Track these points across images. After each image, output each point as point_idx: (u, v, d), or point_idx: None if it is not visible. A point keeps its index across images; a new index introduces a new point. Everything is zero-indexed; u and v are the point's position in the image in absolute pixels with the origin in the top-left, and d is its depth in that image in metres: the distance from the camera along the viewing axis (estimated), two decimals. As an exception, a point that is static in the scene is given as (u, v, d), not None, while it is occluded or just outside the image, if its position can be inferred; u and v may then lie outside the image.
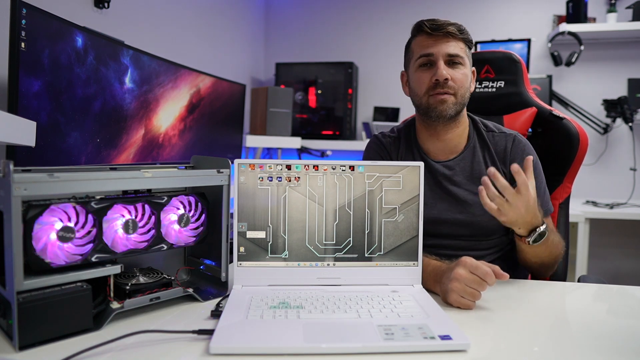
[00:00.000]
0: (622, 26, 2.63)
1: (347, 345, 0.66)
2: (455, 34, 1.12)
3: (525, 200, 0.92)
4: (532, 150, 1.19)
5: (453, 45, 1.12)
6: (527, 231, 0.98)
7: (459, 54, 1.13)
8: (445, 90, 1.12)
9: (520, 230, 0.98)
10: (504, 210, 0.92)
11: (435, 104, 1.13)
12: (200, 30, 2.47)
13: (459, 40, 1.13)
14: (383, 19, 3.21)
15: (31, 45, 1.10)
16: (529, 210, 0.94)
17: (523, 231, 0.98)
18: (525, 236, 0.99)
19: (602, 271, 2.81)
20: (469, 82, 1.17)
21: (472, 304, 0.84)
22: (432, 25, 1.13)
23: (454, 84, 1.12)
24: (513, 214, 0.93)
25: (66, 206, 0.69)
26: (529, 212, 0.94)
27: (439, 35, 1.12)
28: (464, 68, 1.14)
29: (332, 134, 3.02)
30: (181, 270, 0.95)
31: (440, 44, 1.13)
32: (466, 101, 1.17)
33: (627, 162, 2.79)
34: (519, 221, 0.95)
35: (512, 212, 0.92)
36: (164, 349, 0.67)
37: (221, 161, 0.89)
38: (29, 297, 0.65)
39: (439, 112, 1.13)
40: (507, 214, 0.93)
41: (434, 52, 1.13)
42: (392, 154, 1.27)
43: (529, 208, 0.93)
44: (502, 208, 0.92)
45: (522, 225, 0.97)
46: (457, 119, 1.17)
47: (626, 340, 0.74)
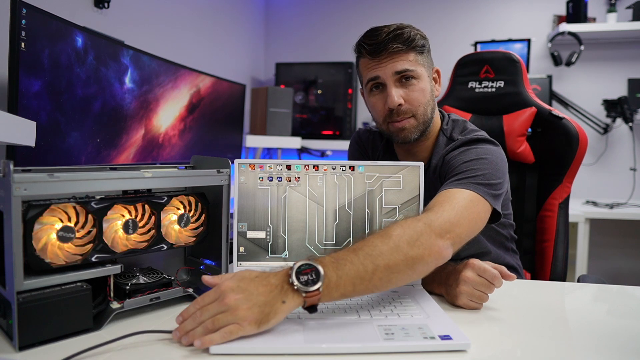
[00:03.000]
0: (622, 26, 2.63)
1: (347, 345, 0.66)
2: (400, 49, 1.02)
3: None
4: (463, 157, 1.02)
5: (400, 62, 1.03)
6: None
7: (408, 68, 1.03)
8: (402, 117, 1.05)
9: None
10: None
11: (395, 132, 1.08)
12: (200, 30, 2.47)
13: (407, 53, 1.03)
14: (383, 19, 3.20)
15: (31, 45, 1.10)
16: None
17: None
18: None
19: (602, 271, 2.81)
20: (428, 95, 1.07)
21: (479, 305, 0.84)
22: (372, 47, 1.03)
23: (410, 106, 1.05)
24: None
25: (66, 206, 0.69)
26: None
27: (382, 56, 1.03)
28: (419, 81, 1.05)
29: (332, 134, 3.02)
30: (181, 270, 0.95)
31: (385, 64, 1.03)
32: (430, 116, 1.08)
33: (627, 162, 2.79)
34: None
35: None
36: (164, 349, 0.66)
37: (221, 161, 0.89)
38: (29, 297, 0.65)
39: (402, 139, 1.08)
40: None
41: (380, 75, 1.04)
42: (369, 150, 1.26)
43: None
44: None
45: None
46: (426, 133, 1.10)
47: (626, 340, 0.74)
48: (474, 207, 0.90)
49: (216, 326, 0.65)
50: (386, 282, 0.75)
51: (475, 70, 1.49)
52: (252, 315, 0.66)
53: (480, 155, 1.01)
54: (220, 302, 0.67)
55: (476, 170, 0.96)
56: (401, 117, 1.06)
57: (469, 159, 1.00)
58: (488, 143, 1.06)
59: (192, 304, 0.69)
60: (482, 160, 0.99)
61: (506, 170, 1.03)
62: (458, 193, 0.91)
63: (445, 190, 0.92)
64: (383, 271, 0.73)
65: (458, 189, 0.92)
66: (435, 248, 0.78)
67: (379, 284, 0.74)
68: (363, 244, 0.75)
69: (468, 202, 0.89)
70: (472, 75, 1.49)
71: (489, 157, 1.01)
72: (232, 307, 0.66)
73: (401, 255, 0.75)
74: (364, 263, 0.72)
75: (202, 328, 0.66)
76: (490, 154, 1.02)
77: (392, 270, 0.74)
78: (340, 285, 0.70)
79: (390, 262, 0.73)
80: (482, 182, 0.94)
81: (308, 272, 0.68)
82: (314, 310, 0.70)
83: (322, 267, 0.69)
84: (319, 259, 0.71)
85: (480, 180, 0.94)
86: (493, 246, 1.17)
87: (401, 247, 0.75)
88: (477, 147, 1.04)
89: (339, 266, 0.71)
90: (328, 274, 0.69)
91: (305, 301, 0.68)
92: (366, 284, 0.72)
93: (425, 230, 0.79)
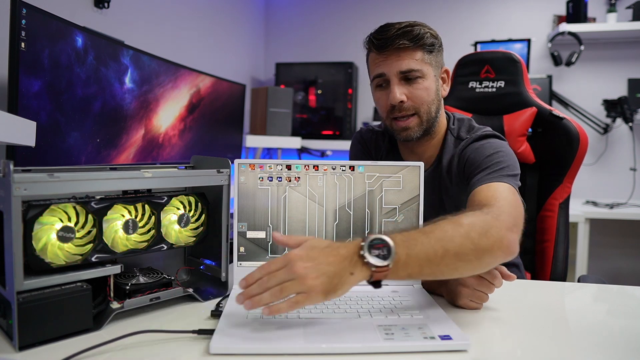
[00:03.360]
0: (622, 26, 2.63)
1: (347, 345, 0.66)
2: (407, 46, 1.02)
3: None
4: (481, 152, 1.04)
5: (406, 61, 1.02)
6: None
7: (414, 67, 1.03)
8: (404, 114, 1.05)
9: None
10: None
11: (399, 130, 1.08)
12: (200, 30, 2.47)
13: (414, 51, 1.03)
14: (383, 19, 3.20)
15: (31, 45, 1.10)
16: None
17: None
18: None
19: (602, 271, 2.81)
20: (432, 94, 1.06)
21: (480, 306, 0.84)
22: (380, 42, 1.03)
23: (413, 103, 1.05)
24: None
25: (66, 206, 0.69)
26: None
27: (389, 51, 1.03)
28: (425, 80, 1.05)
29: (332, 134, 3.02)
30: (181, 270, 0.95)
31: (391, 61, 1.03)
32: (434, 115, 1.08)
33: (627, 162, 2.79)
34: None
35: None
36: (164, 349, 0.67)
37: (221, 161, 0.89)
38: (29, 297, 0.65)
39: (404, 137, 1.09)
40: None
41: (385, 72, 1.05)
42: (372, 150, 1.25)
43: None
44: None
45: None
46: (430, 132, 1.11)
47: (626, 340, 0.74)
48: (517, 199, 0.91)
49: (284, 294, 0.65)
50: (452, 269, 0.74)
51: (476, 70, 1.49)
52: (321, 285, 0.65)
53: (497, 148, 1.03)
54: (288, 269, 0.65)
55: (500, 163, 0.99)
56: (403, 114, 1.06)
57: (489, 153, 1.02)
58: (497, 138, 1.09)
59: (257, 269, 0.67)
60: (501, 153, 1.02)
61: (518, 162, 1.06)
62: (500, 187, 0.92)
63: (486, 185, 0.94)
64: (452, 257, 0.72)
65: (496, 182, 0.94)
66: (505, 241, 0.77)
67: (446, 269, 0.73)
68: (434, 228, 0.74)
69: (512, 195, 0.91)
70: (473, 75, 1.49)
71: (504, 149, 1.04)
72: (300, 275, 0.64)
73: (472, 244, 0.73)
74: (435, 247, 0.71)
75: (269, 294, 0.65)
76: (504, 147, 1.05)
77: (461, 258, 0.73)
78: (409, 265, 0.69)
79: (460, 249, 0.72)
80: (510, 173, 0.97)
81: (380, 247, 0.68)
82: (379, 286, 0.69)
83: (395, 246, 0.68)
84: (391, 235, 0.70)
85: (507, 172, 0.97)
86: None
87: (472, 236, 0.74)
88: (490, 141, 1.06)
89: (409, 245, 0.70)
90: (399, 252, 0.68)
91: (372, 275, 0.68)
92: (433, 268, 0.72)
93: (495, 222, 0.77)
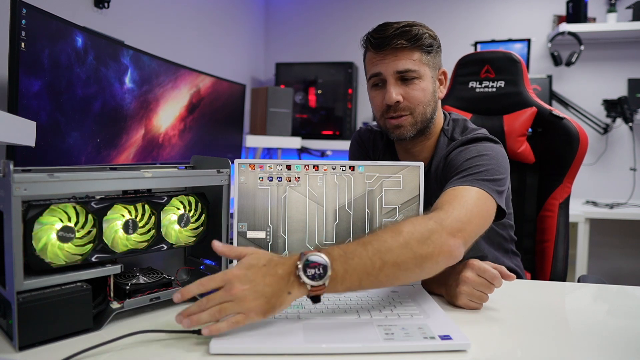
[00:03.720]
0: (622, 26, 2.63)
1: (347, 345, 0.66)
2: (404, 46, 1.01)
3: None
4: (464, 155, 1.02)
5: (403, 61, 1.02)
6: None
7: (410, 68, 1.02)
8: (399, 114, 1.05)
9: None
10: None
11: (391, 128, 1.08)
12: (200, 30, 2.47)
13: (411, 51, 1.02)
14: (383, 19, 3.20)
15: (31, 45, 1.10)
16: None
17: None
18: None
19: (602, 271, 2.81)
20: (429, 96, 1.06)
21: (480, 306, 0.84)
22: (377, 41, 1.03)
23: (408, 104, 1.05)
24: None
25: (66, 206, 0.69)
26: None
27: (386, 51, 1.03)
28: (421, 81, 1.04)
29: (332, 134, 3.02)
30: (181, 270, 0.95)
31: (388, 61, 1.03)
32: (429, 116, 1.08)
33: (627, 162, 2.79)
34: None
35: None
36: (164, 349, 0.66)
37: (221, 161, 0.89)
38: (29, 297, 0.65)
39: (397, 136, 1.09)
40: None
41: (382, 71, 1.04)
42: (370, 150, 1.26)
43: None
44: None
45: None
46: (425, 133, 1.11)
47: (626, 340, 0.74)
48: (483, 204, 0.89)
49: (222, 315, 0.66)
50: (393, 279, 0.74)
51: (476, 70, 1.49)
52: (259, 307, 0.66)
53: (481, 152, 1.01)
54: (227, 291, 0.66)
55: (479, 166, 0.96)
56: (398, 114, 1.06)
57: (471, 156, 1.00)
58: (488, 141, 1.06)
59: (195, 285, 0.67)
60: (484, 157, 0.99)
61: (507, 167, 1.03)
62: (465, 191, 0.90)
63: (452, 189, 0.92)
64: (390, 268, 0.72)
65: (464, 186, 0.91)
66: (446, 247, 0.77)
67: (385, 280, 0.73)
68: (373, 239, 0.74)
69: (476, 199, 0.89)
70: (473, 75, 1.49)
71: (490, 153, 1.01)
72: (239, 297, 0.65)
73: (411, 253, 0.74)
74: (372, 259, 0.71)
75: (207, 315, 0.66)
76: (491, 151, 1.02)
77: (400, 268, 0.73)
78: (347, 280, 0.70)
79: (399, 259, 0.73)
80: (487, 178, 0.94)
81: (316, 265, 0.68)
82: (318, 301, 0.70)
83: (330, 261, 0.69)
84: (327, 250, 0.71)
85: (484, 176, 0.94)
86: (491, 248, 1.17)
87: (411, 244, 0.74)
88: (477, 145, 1.04)
89: (347, 260, 0.70)
90: (335, 268, 0.69)
91: (310, 293, 0.69)
92: (372, 280, 0.72)
93: (436, 228, 0.77)
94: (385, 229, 0.77)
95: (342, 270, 0.70)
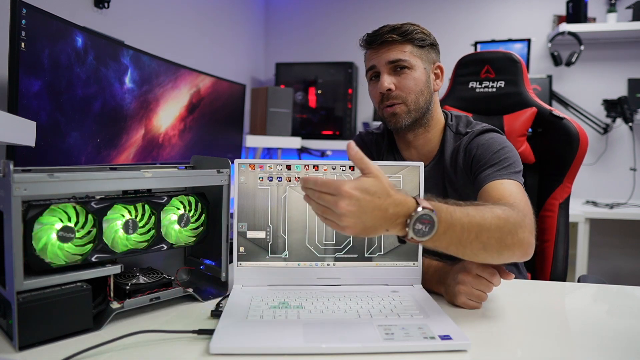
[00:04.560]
0: (622, 26, 2.63)
1: (347, 345, 0.66)
2: (395, 40, 1.08)
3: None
4: (488, 147, 1.07)
5: (394, 52, 1.08)
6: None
7: (401, 58, 1.08)
8: (392, 102, 1.10)
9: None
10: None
11: (387, 117, 1.12)
12: (200, 31, 2.47)
13: (403, 44, 1.08)
14: (383, 19, 3.20)
15: (31, 45, 1.10)
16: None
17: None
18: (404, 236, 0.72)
19: (602, 271, 2.81)
20: (421, 85, 1.10)
21: (479, 305, 0.84)
22: (371, 38, 1.11)
23: (400, 92, 1.09)
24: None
25: (66, 206, 0.69)
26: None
27: (379, 45, 1.10)
28: (413, 71, 1.09)
29: (332, 134, 3.02)
30: (181, 270, 0.95)
31: (381, 53, 1.10)
32: (423, 105, 1.11)
33: (627, 162, 2.79)
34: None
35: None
36: (164, 349, 0.67)
37: (221, 161, 0.89)
38: (29, 297, 0.65)
39: (393, 124, 1.13)
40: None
41: (376, 64, 1.11)
42: (372, 150, 1.28)
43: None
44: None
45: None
46: (423, 124, 1.14)
47: (626, 340, 0.74)
48: (529, 200, 0.95)
49: (324, 215, 0.69)
50: (473, 255, 0.78)
51: (476, 70, 1.49)
52: (354, 229, 0.68)
53: (502, 144, 1.07)
54: (334, 201, 0.67)
55: (507, 159, 1.03)
56: (391, 102, 1.11)
57: (496, 148, 1.06)
58: (498, 133, 1.13)
59: (312, 180, 0.69)
60: (507, 149, 1.06)
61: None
62: (512, 186, 0.97)
63: (498, 182, 0.99)
64: (478, 245, 0.76)
65: (506, 180, 0.99)
66: (526, 243, 0.81)
67: (468, 253, 0.77)
68: (475, 212, 0.76)
69: (523, 194, 0.95)
70: (473, 75, 1.49)
71: (509, 145, 1.08)
72: (341, 213, 0.66)
73: (500, 238, 0.77)
74: (469, 231, 0.74)
75: (315, 205, 0.70)
76: (508, 143, 1.09)
77: (485, 248, 0.77)
78: (440, 241, 0.73)
79: (488, 241, 0.76)
80: (517, 170, 1.02)
81: (425, 222, 0.70)
82: (404, 243, 0.73)
83: (438, 224, 0.71)
84: (438, 208, 0.72)
85: (514, 169, 1.02)
86: None
87: (504, 231, 0.78)
88: (493, 137, 1.10)
89: (449, 226, 0.73)
90: (438, 230, 0.71)
91: (404, 239, 0.72)
92: (458, 249, 0.76)
93: (522, 223, 0.81)
94: (485, 207, 0.80)
95: (442, 232, 0.72)
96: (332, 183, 0.67)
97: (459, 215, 0.74)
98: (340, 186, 0.66)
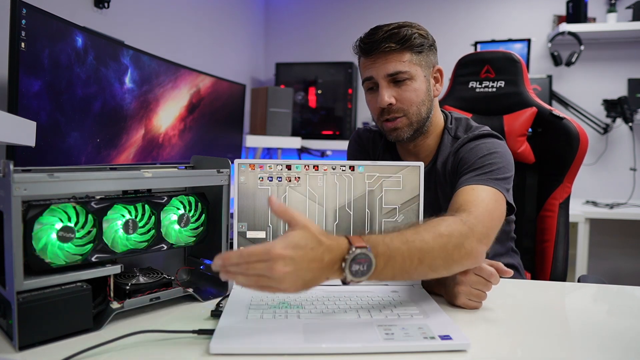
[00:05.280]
0: (622, 26, 2.63)
1: (347, 345, 0.66)
2: (393, 49, 1.02)
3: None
4: (475, 152, 1.04)
5: (393, 63, 1.03)
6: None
7: (401, 70, 1.03)
8: (393, 116, 1.06)
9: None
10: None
11: (388, 131, 1.09)
12: (200, 31, 2.47)
13: (401, 53, 1.03)
14: (383, 19, 3.20)
15: (31, 45, 1.10)
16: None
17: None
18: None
19: (602, 271, 2.81)
20: (422, 95, 1.06)
21: (479, 304, 0.84)
22: (367, 46, 1.04)
23: (401, 105, 1.05)
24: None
25: (66, 206, 0.69)
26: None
27: (376, 55, 1.04)
28: (413, 82, 1.05)
29: (332, 134, 3.02)
30: (181, 270, 0.95)
31: (378, 64, 1.04)
32: (424, 115, 1.08)
33: (627, 162, 2.79)
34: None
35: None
36: (164, 349, 0.66)
37: (221, 161, 0.89)
38: (29, 297, 0.65)
39: (394, 138, 1.10)
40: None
41: (373, 75, 1.05)
42: (369, 150, 1.26)
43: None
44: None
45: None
46: (423, 132, 1.11)
47: (626, 340, 0.74)
48: (499, 206, 0.93)
49: (259, 285, 0.64)
50: (422, 277, 0.78)
51: (476, 70, 1.49)
52: (295, 288, 0.65)
53: (492, 149, 1.03)
54: (268, 267, 0.63)
55: (492, 165, 1.00)
56: (392, 116, 1.07)
57: (483, 154, 1.03)
58: (494, 137, 1.09)
59: (236, 254, 0.64)
60: (495, 154, 1.02)
61: (513, 163, 1.06)
62: (484, 192, 0.94)
63: (470, 187, 0.95)
64: (424, 268, 0.75)
65: (482, 185, 0.95)
66: (474, 253, 0.80)
67: (416, 277, 0.76)
68: (415, 236, 0.75)
69: (494, 201, 0.92)
70: (473, 75, 1.49)
71: (500, 151, 1.04)
72: (278, 278, 0.63)
73: (446, 256, 0.76)
74: (412, 258, 0.73)
75: (244, 279, 0.64)
76: (500, 148, 1.05)
77: (432, 268, 0.76)
78: (382, 275, 0.71)
79: (434, 261, 0.75)
80: (499, 177, 0.98)
81: (362, 262, 0.68)
82: (347, 284, 0.70)
83: (375, 260, 0.69)
84: (373, 244, 0.70)
85: (497, 175, 0.98)
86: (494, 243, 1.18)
87: (449, 248, 0.76)
88: (487, 142, 1.06)
89: (389, 258, 0.71)
90: (378, 265, 0.69)
91: (346, 283, 0.69)
92: (404, 276, 0.74)
93: (468, 234, 0.80)
94: (426, 227, 0.78)
95: (382, 266, 0.70)
96: (259, 249, 0.63)
97: (397, 245, 0.72)
98: (270, 250, 0.63)
